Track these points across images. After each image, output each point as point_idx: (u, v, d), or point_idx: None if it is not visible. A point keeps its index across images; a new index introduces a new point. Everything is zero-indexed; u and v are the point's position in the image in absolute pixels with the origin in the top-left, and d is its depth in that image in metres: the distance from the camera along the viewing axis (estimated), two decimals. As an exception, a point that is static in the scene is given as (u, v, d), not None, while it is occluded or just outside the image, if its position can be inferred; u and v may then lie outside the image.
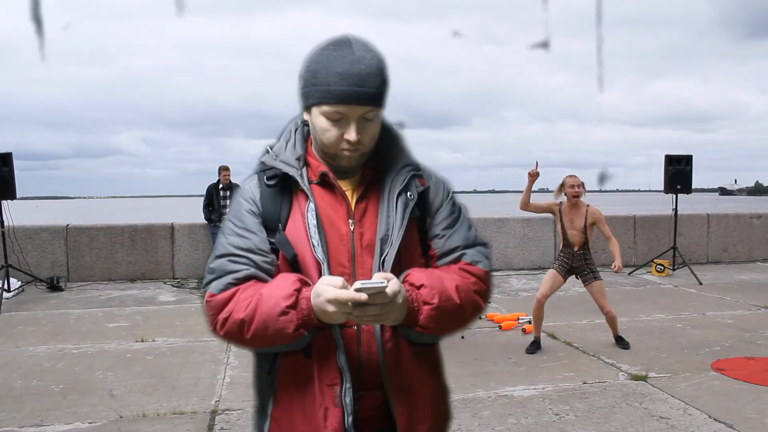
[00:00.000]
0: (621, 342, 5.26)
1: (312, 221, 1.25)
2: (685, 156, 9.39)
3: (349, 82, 1.19)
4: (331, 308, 1.12)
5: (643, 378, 4.46)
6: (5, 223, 8.06)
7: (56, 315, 6.67)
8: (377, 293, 1.12)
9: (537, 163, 4.85)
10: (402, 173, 1.32)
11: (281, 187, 1.30)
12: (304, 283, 1.20)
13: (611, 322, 5.25)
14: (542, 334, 5.63)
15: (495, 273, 1.31)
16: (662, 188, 9.43)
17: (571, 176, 5.10)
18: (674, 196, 9.32)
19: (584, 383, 4.38)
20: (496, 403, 3.98)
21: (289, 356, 1.26)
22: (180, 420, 3.74)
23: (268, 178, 1.31)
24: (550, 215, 5.45)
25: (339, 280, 1.15)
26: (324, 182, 1.30)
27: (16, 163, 8.00)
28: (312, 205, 1.27)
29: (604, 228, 5.10)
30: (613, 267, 5.09)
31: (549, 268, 5.28)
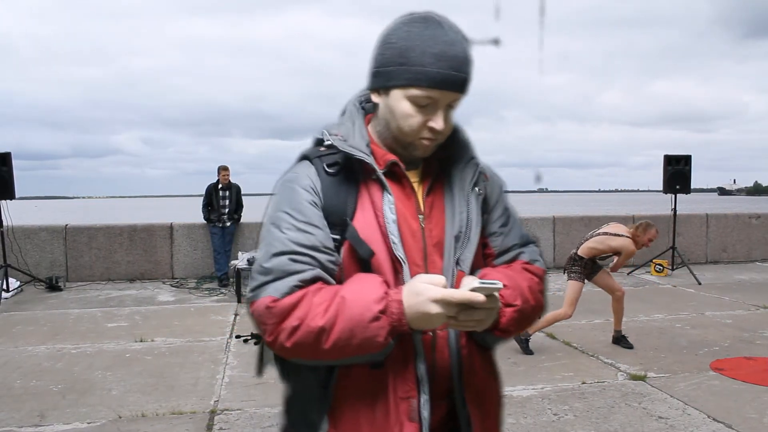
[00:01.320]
0: (623, 342, 5.27)
1: (390, 216, 1.13)
2: (684, 156, 9.40)
3: (446, 65, 1.09)
4: (435, 309, 1.01)
5: (642, 378, 4.46)
6: (4, 223, 8.07)
7: (55, 315, 6.67)
8: (490, 295, 1.03)
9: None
10: (470, 166, 1.24)
11: (345, 176, 1.16)
12: (387, 285, 1.08)
13: (618, 310, 5.27)
14: (541, 335, 5.63)
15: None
16: (661, 188, 9.45)
17: (657, 229, 5.28)
18: (673, 196, 9.33)
19: (583, 383, 4.38)
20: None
21: (353, 367, 1.11)
22: (179, 420, 3.74)
23: (329, 165, 1.16)
24: (549, 217, 5.46)
25: (442, 279, 1.04)
26: (391, 173, 1.17)
27: (15, 162, 8.01)
28: (390, 197, 1.14)
29: (622, 259, 5.23)
30: (611, 268, 5.12)
31: (570, 281, 5.18)
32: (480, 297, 1.01)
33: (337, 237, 1.13)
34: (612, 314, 5.39)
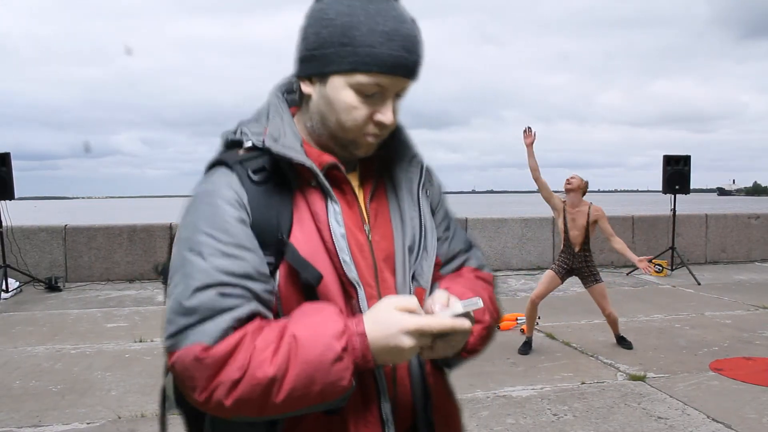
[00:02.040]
0: (623, 342, 5.27)
1: (338, 229, 0.95)
2: (683, 156, 9.41)
3: (399, 46, 0.92)
4: (408, 342, 0.85)
5: (642, 378, 4.46)
6: (4, 224, 8.06)
7: (54, 315, 6.66)
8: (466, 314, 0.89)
9: (529, 128, 4.98)
10: (414, 165, 1.08)
11: (274, 184, 0.96)
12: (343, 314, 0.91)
13: (612, 323, 5.26)
14: (541, 335, 5.64)
15: (494, 273, 1.23)
16: (661, 188, 9.45)
17: (573, 176, 5.14)
18: (672, 196, 9.33)
19: (583, 383, 4.38)
20: (495, 404, 3.98)
21: (303, 416, 0.91)
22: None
23: (254, 172, 0.95)
24: (549, 217, 5.46)
25: (413, 302, 0.88)
26: (328, 178, 0.98)
27: (14, 163, 8.00)
28: (336, 207, 0.96)
29: (605, 226, 5.09)
30: (641, 266, 4.96)
31: (547, 269, 5.29)
32: (467, 324, 0.88)
33: (271, 260, 0.93)
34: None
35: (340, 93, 0.94)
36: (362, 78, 0.92)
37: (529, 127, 5.06)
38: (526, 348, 5.14)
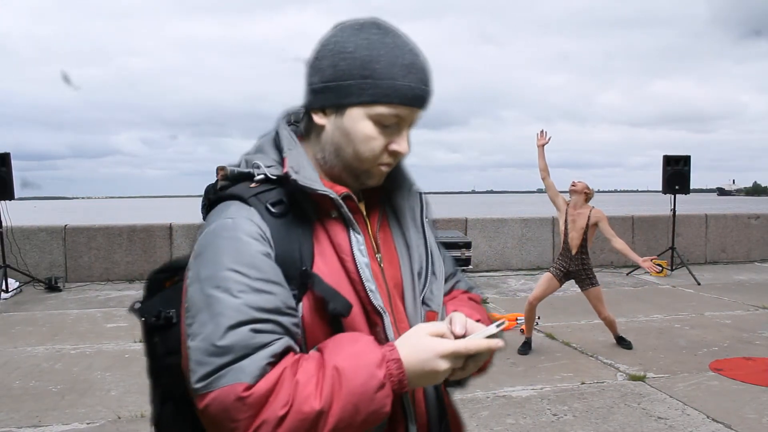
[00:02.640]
0: (623, 342, 5.28)
1: (362, 259, 0.96)
2: (683, 156, 9.41)
3: (416, 78, 0.95)
4: (444, 366, 0.88)
5: (642, 378, 4.46)
6: (3, 224, 8.07)
7: (54, 315, 6.66)
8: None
9: (544, 131, 5.10)
10: (413, 194, 1.11)
11: (293, 216, 0.96)
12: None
13: (609, 326, 5.27)
14: (541, 335, 5.65)
15: (493, 273, 1.24)
16: (660, 188, 9.46)
17: (579, 180, 5.18)
18: (672, 196, 9.34)
19: (582, 383, 4.38)
20: (495, 404, 3.99)
21: None
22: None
23: (272, 204, 0.95)
24: (549, 217, 5.47)
25: (443, 328, 0.91)
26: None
27: (14, 163, 8.00)
28: (359, 237, 0.98)
29: (606, 227, 5.10)
30: (646, 267, 4.97)
31: (546, 270, 5.30)
32: (501, 343, 0.91)
33: (295, 292, 0.93)
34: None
35: (359, 124, 0.96)
36: (382, 109, 0.95)
37: (543, 130, 5.17)
38: (526, 348, 5.14)
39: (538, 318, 6.09)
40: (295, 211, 0.96)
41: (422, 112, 1.00)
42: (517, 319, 6.05)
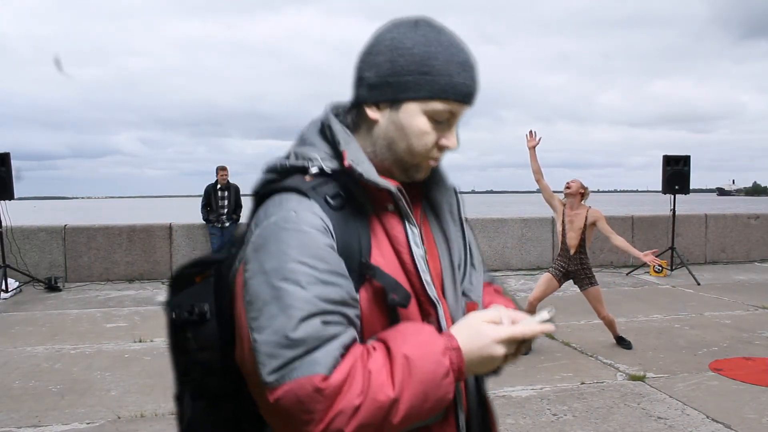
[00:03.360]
0: (622, 342, 5.28)
1: (418, 251, 0.99)
2: (683, 156, 9.41)
3: (470, 76, 0.99)
4: (500, 351, 0.92)
5: (641, 378, 4.47)
6: (3, 224, 8.07)
7: (54, 315, 6.66)
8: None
9: (532, 131, 5.00)
10: (449, 188, 1.14)
11: (351, 209, 0.97)
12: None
13: (609, 325, 5.27)
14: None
15: (493, 273, 1.25)
16: (660, 188, 9.46)
17: (574, 180, 5.18)
18: (672, 196, 9.34)
19: (582, 383, 4.38)
20: (495, 404, 3.98)
21: None
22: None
23: (332, 197, 0.96)
24: (549, 217, 5.46)
25: (496, 315, 0.96)
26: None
27: (13, 163, 8.00)
28: (416, 230, 1.00)
29: (605, 226, 5.14)
30: (649, 260, 5.00)
31: (546, 270, 5.30)
32: (554, 327, 0.96)
33: (354, 284, 0.94)
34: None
35: (415, 119, 0.98)
36: (438, 105, 0.97)
37: (532, 131, 5.10)
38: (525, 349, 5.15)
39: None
40: (352, 204, 0.97)
41: (469, 108, 1.02)
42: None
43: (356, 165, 0.96)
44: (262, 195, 0.99)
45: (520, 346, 0.96)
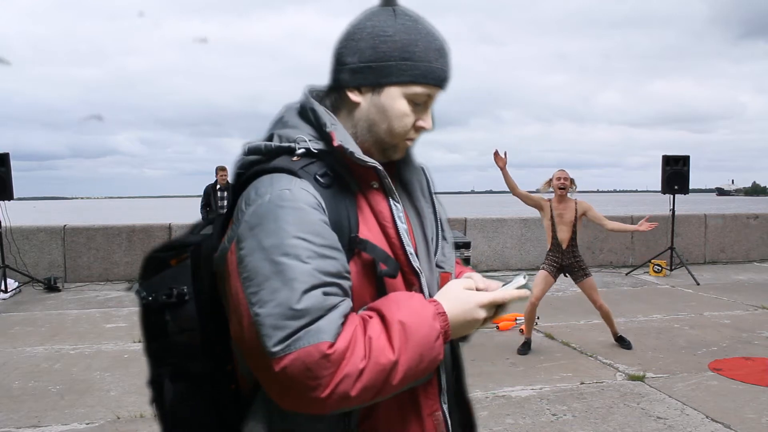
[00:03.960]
0: (622, 342, 5.28)
1: (401, 226, 1.04)
2: (682, 156, 9.41)
3: (446, 62, 1.06)
4: (482, 314, 1.01)
5: (641, 378, 4.47)
6: (2, 224, 8.06)
7: (53, 315, 6.66)
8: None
9: (497, 151, 4.95)
10: (416, 167, 1.20)
11: (338, 187, 1.02)
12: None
13: (606, 317, 5.26)
14: (540, 335, 5.65)
15: (493, 273, 1.27)
16: (660, 188, 9.46)
17: (560, 170, 5.19)
18: (672, 196, 9.34)
19: (582, 383, 4.38)
20: (494, 404, 3.99)
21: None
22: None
23: (321, 176, 1.01)
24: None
25: (473, 283, 1.05)
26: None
27: (13, 163, 8.00)
28: (399, 206, 1.06)
29: (595, 214, 5.18)
30: (645, 228, 4.97)
31: (539, 270, 5.30)
32: (526, 292, 1.04)
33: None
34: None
35: (396, 102, 1.04)
36: (417, 89, 1.04)
37: (497, 150, 4.95)
38: (525, 348, 5.15)
39: (538, 318, 6.09)
40: (339, 182, 1.02)
41: (443, 92, 1.09)
42: (516, 320, 6.05)
43: (346, 145, 1.01)
44: (250, 176, 1.01)
45: (498, 310, 1.04)
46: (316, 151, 1.02)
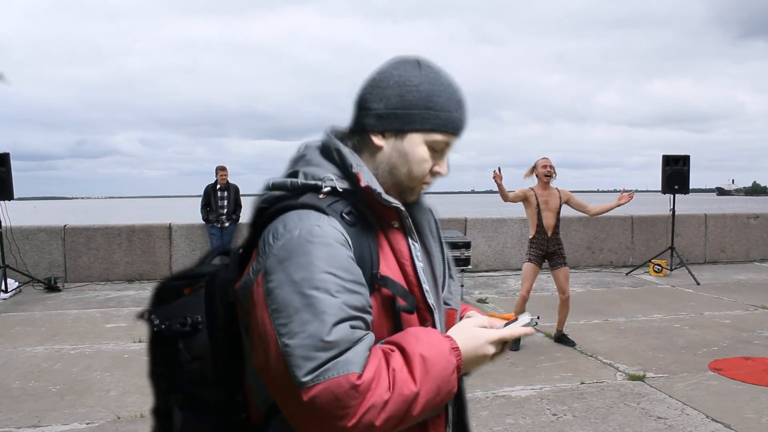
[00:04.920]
0: (566, 340, 5.40)
1: (419, 264, 1.10)
2: (682, 156, 9.41)
3: (464, 112, 1.14)
4: (492, 350, 1.06)
5: (641, 378, 4.47)
6: (3, 224, 8.06)
7: (54, 315, 6.66)
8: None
9: (499, 168, 5.14)
10: (426, 207, 1.25)
11: (362, 225, 1.07)
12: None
13: (565, 307, 5.35)
14: (540, 335, 5.65)
15: (493, 273, 1.31)
16: (660, 188, 9.46)
17: (543, 158, 5.31)
18: (672, 196, 9.34)
19: (582, 383, 4.38)
20: (494, 404, 3.99)
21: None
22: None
23: (346, 214, 1.05)
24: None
25: (485, 320, 1.12)
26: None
27: (13, 163, 8.00)
28: (417, 245, 1.13)
29: (577, 201, 5.32)
30: (624, 200, 5.18)
31: (524, 264, 5.36)
32: (532, 330, 1.11)
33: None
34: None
35: (418, 148, 1.10)
36: (438, 137, 1.10)
37: (498, 170, 5.13)
38: (516, 344, 5.23)
39: (538, 318, 6.07)
40: (362, 220, 1.07)
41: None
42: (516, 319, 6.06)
43: (373, 185, 1.06)
44: (275, 210, 1.05)
45: (504, 346, 1.10)
46: (341, 190, 1.07)
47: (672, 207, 9.39)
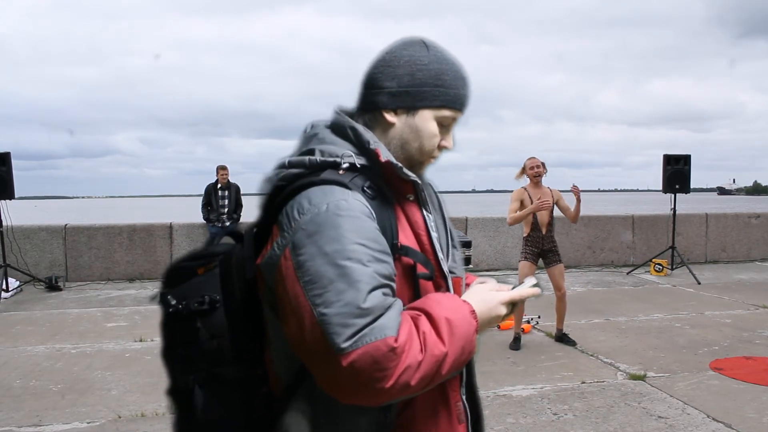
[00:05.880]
0: (566, 339, 5.41)
1: (434, 234, 1.17)
2: (683, 156, 9.40)
3: (469, 89, 1.20)
4: (504, 311, 1.13)
5: (642, 378, 4.46)
6: (4, 223, 8.07)
7: (54, 315, 6.66)
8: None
9: (541, 200, 5.12)
10: (428, 183, 1.29)
11: (381, 198, 1.11)
12: None
13: (562, 305, 5.38)
14: (540, 334, 5.67)
15: (494, 273, 1.34)
16: (661, 188, 9.45)
17: (531, 159, 5.33)
18: (673, 195, 9.33)
19: (583, 383, 4.38)
20: (495, 403, 3.99)
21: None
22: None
23: (368, 188, 1.10)
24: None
25: (495, 284, 1.18)
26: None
27: (14, 162, 8.01)
28: (431, 216, 1.20)
29: (564, 204, 5.36)
30: (574, 191, 5.20)
31: (520, 262, 5.38)
32: (537, 290, 1.17)
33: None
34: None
35: (428, 123, 1.17)
36: (447, 112, 1.17)
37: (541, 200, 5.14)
38: (517, 344, 5.26)
39: (538, 317, 6.10)
40: (381, 194, 1.12)
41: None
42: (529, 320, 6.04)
43: (393, 160, 1.12)
44: (296, 187, 1.08)
45: (513, 307, 1.16)
46: (359, 166, 1.11)
47: (673, 206, 9.38)
